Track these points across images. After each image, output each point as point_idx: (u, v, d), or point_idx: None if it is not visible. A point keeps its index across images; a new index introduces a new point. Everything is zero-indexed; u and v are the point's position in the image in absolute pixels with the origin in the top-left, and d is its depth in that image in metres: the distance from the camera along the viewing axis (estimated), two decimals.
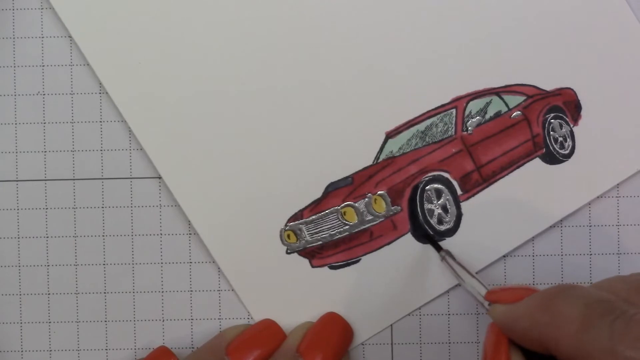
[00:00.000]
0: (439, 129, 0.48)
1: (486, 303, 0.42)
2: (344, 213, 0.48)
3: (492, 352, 0.40)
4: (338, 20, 0.48)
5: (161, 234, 0.49)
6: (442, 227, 0.48)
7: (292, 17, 0.48)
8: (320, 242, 0.48)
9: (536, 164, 0.48)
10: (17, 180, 0.49)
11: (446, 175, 0.48)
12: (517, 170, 0.48)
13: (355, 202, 0.48)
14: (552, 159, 0.48)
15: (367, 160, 0.48)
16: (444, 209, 0.48)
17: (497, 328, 0.41)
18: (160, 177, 0.49)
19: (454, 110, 0.48)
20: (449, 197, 0.48)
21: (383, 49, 0.48)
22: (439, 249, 0.47)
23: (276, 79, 0.48)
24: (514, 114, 0.48)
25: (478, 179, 0.48)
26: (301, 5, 0.48)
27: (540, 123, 0.48)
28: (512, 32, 0.48)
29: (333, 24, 0.48)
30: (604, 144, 0.48)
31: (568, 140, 0.48)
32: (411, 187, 0.48)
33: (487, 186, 0.48)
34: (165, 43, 0.48)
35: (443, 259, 0.46)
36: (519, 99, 0.48)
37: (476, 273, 0.48)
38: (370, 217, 0.48)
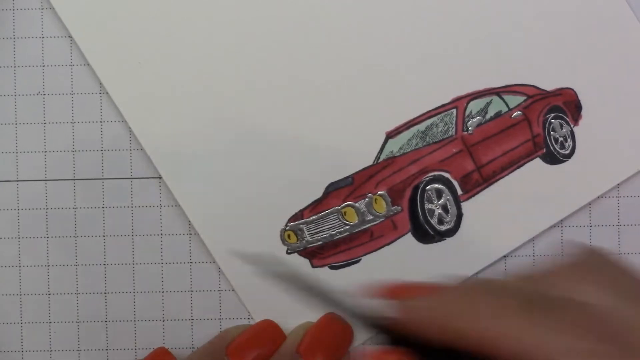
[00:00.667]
0: (440, 129, 0.48)
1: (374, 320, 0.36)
2: (345, 213, 0.48)
3: None
4: (338, 20, 0.48)
5: (161, 234, 0.49)
6: (443, 227, 0.48)
7: (292, 17, 0.48)
8: (320, 242, 0.48)
9: (536, 164, 0.48)
10: (17, 180, 0.49)
11: (446, 175, 0.48)
12: (518, 170, 0.48)
13: (355, 202, 0.48)
14: (552, 159, 0.48)
15: (368, 160, 0.48)
16: (445, 209, 0.48)
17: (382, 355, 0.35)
18: (160, 177, 0.49)
19: (454, 110, 0.48)
20: (450, 197, 0.48)
21: (383, 49, 0.48)
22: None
23: (276, 78, 0.48)
24: (515, 114, 0.48)
25: (478, 179, 0.48)
26: (301, 5, 0.48)
27: (540, 123, 0.49)
28: (512, 32, 0.48)
29: (333, 24, 0.48)
30: (604, 144, 0.48)
31: (568, 140, 0.48)
32: (411, 187, 0.48)
33: (487, 186, 0.48)
34: (165, 43, 0.48)
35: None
36: (520, 99, 0.48)
37: (476, 273, 0.48)
38: (370, 217, 0.48)
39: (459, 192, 0.48)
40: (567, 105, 0.48)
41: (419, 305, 0.34)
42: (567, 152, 0.48)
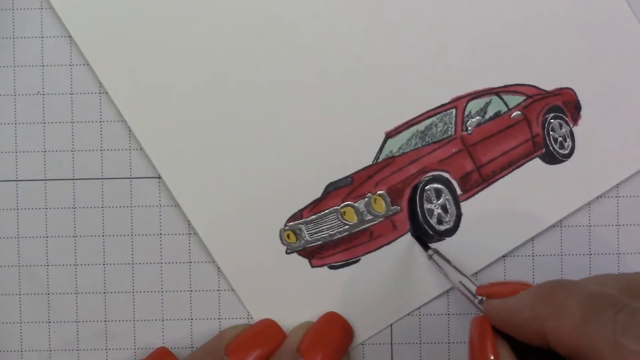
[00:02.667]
0: (439, 129, 0.48)
1: (476, 300, 0.42)
2: (344, 213, 0.48)
3: (479, 346, 0.40)
4: (338, 20, 0.48)
5: (161, 234, 0.49)
6: (442, 227, 0.48)
7: (292, 17, 0.48)
8: (320, 242, 0.48)
9: (536, 164, 0.48)
10: (17, 180, 0.49)
11: (446, 175, 0.48)
12: (517, 170, 0.48)
13: (355, 202, 0.48)
14: (551, 159, 0.48)
15: (367, 160, 0.48)
16: (444, 208, 0.48)
17: (481, 322, 0.41)
18: (160, 177, 0.49)
19: (453, 110, 0.48)
20: (449, 197, 0.48)
21: (383, 49, 0.48)
22: (426, 247, 0.47)
23: (276, 79, 0.48)
24: (514, 114, 0.48)
25: (478, 179, 0.48)
26: (302, 6, 0.48)
27: (540, 123, 0.48)
28: (512, 32, 0.48)
29: (333, 25, 0.48)
30: (604, 144, 0.48)
31: (568, 140, 0.48)
32: (411, 187, 0.48)
33: (486, 186, 0.48)
34: (166, 43, 0.48)
35: (430, 257, 0.46)
36: (519, 99, 0.48)
37: (476, 273, 0.48)
38: (370, 217, 0.48)
39: (459, 192, 0.48)
40: (567, 105, 0.48)
41: (498, 304, 0.40)
42: (567, 152, 0.48)
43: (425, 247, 0.47)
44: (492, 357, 0.39)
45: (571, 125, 0.48)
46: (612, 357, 0.33)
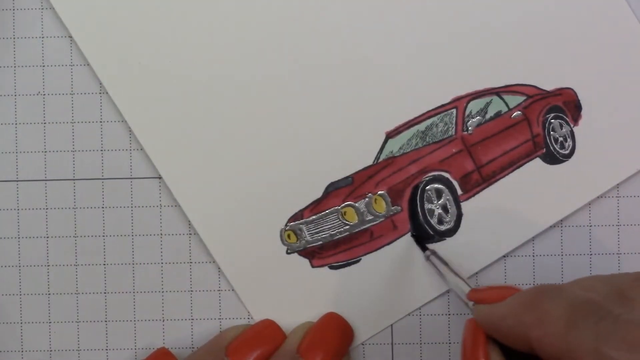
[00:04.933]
0: (439, 129, 0.48)
1: (470, 303, 0.42)
2: (344, 213, 0.48)
3: (471, 349, 0.40)
4: (338, 21, 0.48)
5: (161, 234, 0.49)
6: (443, 227, 0.48)
7: (292, 17, 0.48)
8: (320, 242, 0.48)
9: (536, 164, 0.48)
10: (17, 180, 0.49)
11: (446, 175, 0.48)
12: (517, 170, 0.48)
13: (355, 202, 0.48)
14: (552, 159, 0.48)
15: (367, 160, 0.48)
16: (444, 209, 0.48)
17: (474, 325, 0.41)
18: (160, 177, 0.49)
19: (454, 110, 0.48)
20: (449, 197, 0.48)
21: (383, 49, 0.48)
22: (424, 248, 0.47)
23: (276, 79, 0.48)
24: (514, 114, 0.48)
25: (478, 179, 0.48)
26: (302, 6, 0.48)
27: (540, 123, 0.49)
28: (512, 32, 0.48)
29: (333, 25, 0.48)
30: (604, 144, 0.48)
31: (568, 140, 0.48)
32: (411, 187, 0.48)
33: (487, 186, 0.48)
34: (166, 43, 0.48)
35: (427, 258, 0.46)
36: (519, 99, 0.48)
37: (476, 273, 0.48)
38: (370, 217, 0.48)
39: (459, 192, 0.48)
40: (567, 105, 0.48)
41: (486, 310, 0.40)
42: (567, 152, 0.48)
43: (423, 248, 0.47)
44: None
45: (572, 125, 0.48)
46: None
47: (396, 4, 0.48)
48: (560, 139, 0.48)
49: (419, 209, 0.48)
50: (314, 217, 0.48)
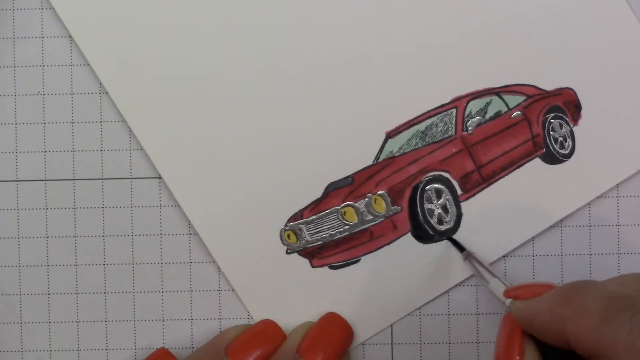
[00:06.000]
0: (439, 129, 0.48)
1: (508, 301, 0.42)
2: (344, 213, 0.48)
3: (506, 344, 0.40)
4: (338, 21, 0.48)
5: (161, 234, 0.49)
6: (442, 227, 0.48)
7: (292, 18, 0.48)
8: (320, 242, 0.48)
9: (536, 164, 0.48)
10: (17, 180, 0.49)
11: (446, 175, 0.48)
12: (517, 170, 0.48)
13: (355, 202, 0.48)
14: (552, 159, 0.48)
15: (367, 160, 0.48)
16: (444, 208, 0.48)
17: (511, 321, 0.41)
18: (160, 177, 0.49)
19: (454, 110, 0.48)
20: (449, 197, 0.48)
21: (383, 49, 0.48)
22: (461, 249, 0.47)
23: (276, 79, 0.48)
24: (514, 114, 0.48)
25: (478, 179, 0.48)
26: (302, 7, 0.48)
27: (540, 123, 0.49)
28: (512, 32, 0.48)
29: (333, 25, 0.48)
30: (604, 144, 0.48)
31: (568, 140, 0.48)
32: (411, 187, 0.48)
33: (487, 186, 0.48)
34: (166, 43, 0.48)
35: (466, 258, 0.46)
36: (519, 99, 0.48)
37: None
38: (370, 217, 0.48)
39: (459, 192, 0.48)
40: (567, 105, 0.48)
41: (523, 306, 0.41)
42: (567, 152, 0.48)
43: (461, 249, 0.47)
44: (517, 358, 0.40)
45: (571, 125, 0.48)
46: (628, 359, 0.33)
47: (396, 4, 0.48)
48: (560, 139, 0.48)
49: (419, 209, 0.48)
50: (313, 217, 0.48)
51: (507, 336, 0.41)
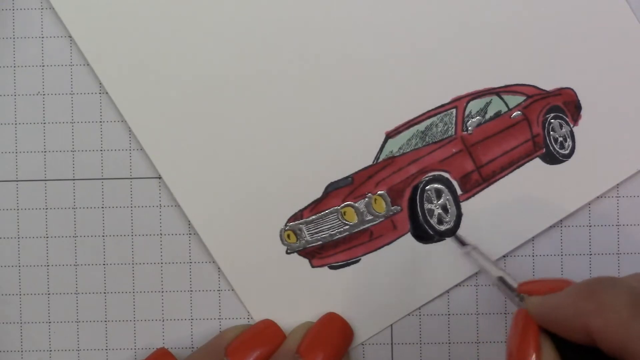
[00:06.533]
0: (439, 129, 0.48)
1: (516, 297, 0.42)
2: (344, 213, 0.48)
3: (520, 340, 0.40)
4: (338, 21, 0.48)
5: (161, 234, 0.49)
6: (442, 227, 0.48)
7: (292, 18, 0.48)
8: (320, 242, 0.48)
9: (536, 164, 0.48)
10: (17, 180, 0.49)
11: (446, 175, 0.48)
12: (517, 170, 0.48)
13: (355, 202, 0.48)
14: (552, 159, 0.48)
15: (367, 160, 0.48)
16: (444, 209, 0.48)
17: (526, 317, 0.41)
18: (160, 177, 0.49)
19: (454, 110, 0.48)
20: (449, 197, 0.48)
21: (383, 49, 0.48)
22: (463, 244, 0.47)
23: (276, 79, 0.48)
24: (514, 114, 0.48)
25: (478, 179, 0.48)
26: (302, 6, 0.48)
27: (540, 123, 0.49)
28: (513, 32, 0.48)
29: (333, 25, 0.48)
30: (604, 144, 0.48)
31: (568, 140, 0.48)
32: (411, 187, 0.48)
33: (487, 186, 0.48)
34: (166, 43, 0.48)
35: (468, 253, 0.46)
36: (519, 99, 0.48)
37: (477, 273, 0.48)
38: (370, 217, 0.48)
39: (459, 192, 0.48)
40: (567, 105, 0.48)
41: (540, 301, 0.40)
42: (567, 152, 0.48)
43: (463, 244, 0.47)
44: (533, 355, 0.40)
45: (571, 125, 0.48)
46: None
47: (396, 4, 0.48)
48: (560, 139, 0.48)
49: (419, 209, 0.48)
50: (313, 217, 0.48)
51: (521, 332, 0.40)
